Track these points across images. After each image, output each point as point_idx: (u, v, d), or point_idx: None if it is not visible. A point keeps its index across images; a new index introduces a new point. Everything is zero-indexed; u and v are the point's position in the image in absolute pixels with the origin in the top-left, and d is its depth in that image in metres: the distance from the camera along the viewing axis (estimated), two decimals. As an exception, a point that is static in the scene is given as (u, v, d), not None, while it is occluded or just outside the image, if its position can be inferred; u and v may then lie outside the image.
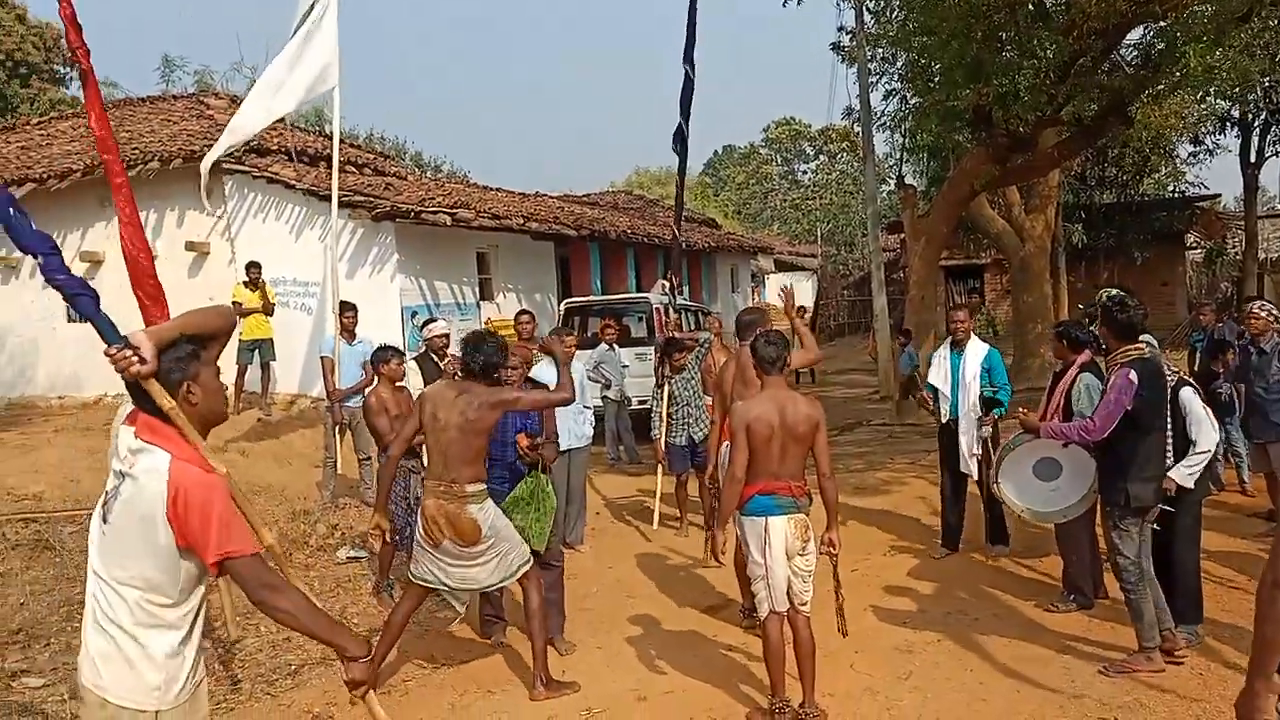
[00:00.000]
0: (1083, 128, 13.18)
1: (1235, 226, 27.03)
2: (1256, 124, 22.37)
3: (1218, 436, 5.47)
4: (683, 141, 10.83)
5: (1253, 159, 22.79)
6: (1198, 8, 10.63)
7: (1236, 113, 21.64)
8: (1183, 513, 5.32)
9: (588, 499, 8.68)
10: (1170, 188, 24.43)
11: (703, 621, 6.22)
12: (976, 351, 7.22)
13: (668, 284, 11.70)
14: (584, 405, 7.94)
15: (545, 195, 21.18)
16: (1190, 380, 5.74)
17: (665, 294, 11.84)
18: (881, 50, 15.69)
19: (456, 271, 13.58)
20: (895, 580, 6.81)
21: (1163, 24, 11.28)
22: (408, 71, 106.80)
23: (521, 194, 19.04)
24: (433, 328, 8.27)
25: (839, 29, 18.29)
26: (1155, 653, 4.94)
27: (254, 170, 12.62)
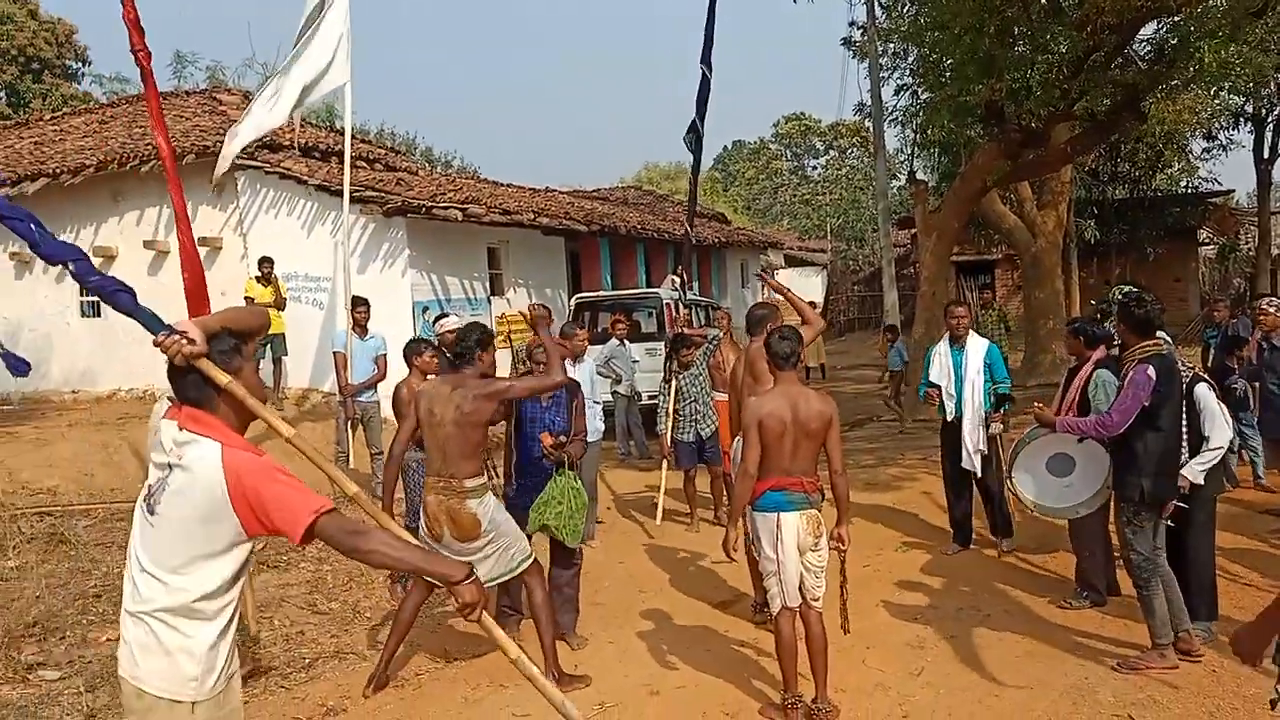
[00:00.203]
0: (1095, 123, 13.11)
1: (1248, 222, 26.86)
2: (1270, 119, 22.22)
3: (1231, 433, 5.45)
4: (697, 140, 10.83)
5: (1266, 154, 22.65)
6: (1212, 3, 10.59)
7: (1250, 108, 21.51)
8: (1197, 509, 5.30)
9: (598, 494, 8.69)
10: (1183, 183, 24.28)
11: (714, 616, 6.23)
12: (978, 347, 7.18)
13: (678, 279, 11.69)
14: (594, 400, 7.96)
15: (555, 191, 21.21)
16: (1205, 376, 5.72)
17: (675, 289, 11.83)
18: (893, 45, 15.65)
19: (467, 266, 13.61)
20: (907, 576, 6.81)
21: (1177, 19, 11.22)
22: (418, 67, 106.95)
23: (532, 189, 19.08)
24: (444, 323, 8.27)
25: (850, 24, 18.37)
26: (1168, 649, 4.92)
27: (266, 166, 12.65)
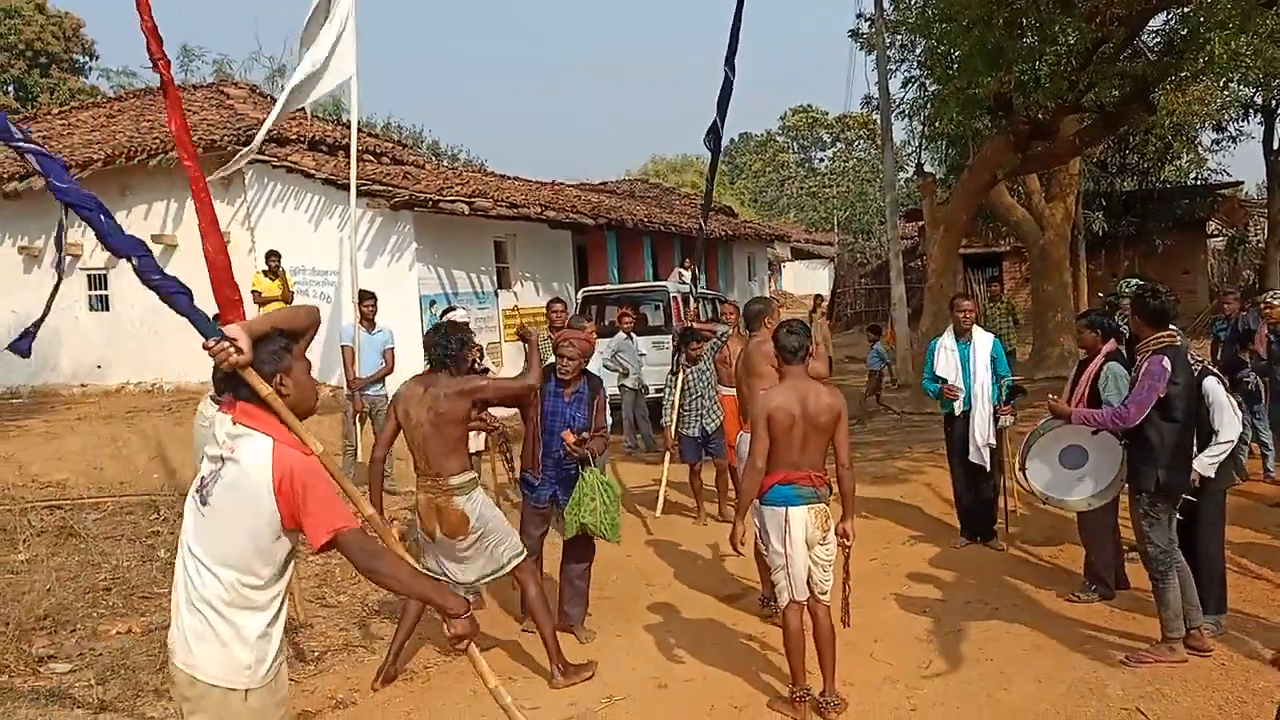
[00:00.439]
0: (1104, 115, 13.05)
1: (1258, 214, 26.73)
2: (1280, 110, 22.11)
3: (1241, 426, 5.43)
4: (716, 140, 10.85)
5: (1276, 146, 22.48)
6: (1222, -7, 10.51)
7: (1260, 99, 21.37)
8: (1206, 502, 5.29)
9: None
10: (1192, 175, 24.16)
11: (722, 610, 6.23)
12: (984, 340, 7.22)
13: (686, 271, 11.66)
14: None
15: (562, 184, 21.17)
16: (1213, 369, 5.70)
17: (683, 282, 11.81)
18: (901, 37, 15.62)
19: (474, 260, 13.62)
20: (915, 569, 6.81)
21: (1186, 10, 11.17)
22: (425, 60, 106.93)
23: (538, 183, 19.05)
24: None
25: (858, 16, 18.29)
26: (1178, 643, 4.92)
27: (273, 159, 12.68)
